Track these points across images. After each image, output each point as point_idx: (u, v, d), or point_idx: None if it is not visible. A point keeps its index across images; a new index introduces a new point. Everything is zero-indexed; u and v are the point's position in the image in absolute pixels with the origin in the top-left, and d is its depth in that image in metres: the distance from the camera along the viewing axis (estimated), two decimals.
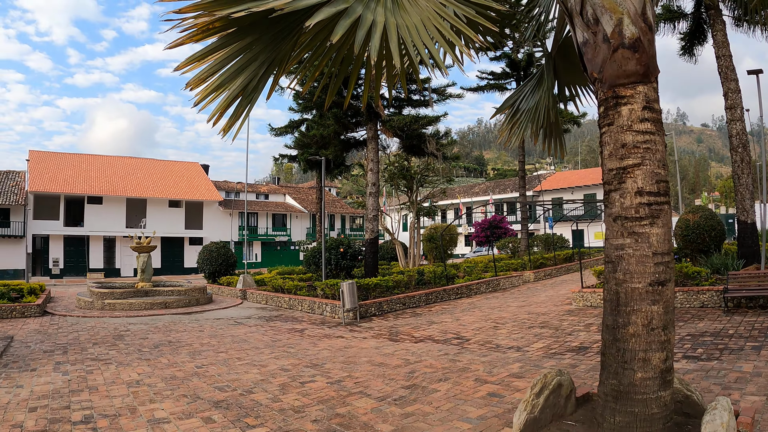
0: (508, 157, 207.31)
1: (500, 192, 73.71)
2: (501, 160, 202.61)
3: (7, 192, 49.58)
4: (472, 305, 21.85)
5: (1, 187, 50.30)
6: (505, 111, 10.26)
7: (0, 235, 47.91)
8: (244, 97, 5.48)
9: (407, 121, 25.69)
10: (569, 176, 74.19)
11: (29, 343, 15.76)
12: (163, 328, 18.24)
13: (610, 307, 6.11)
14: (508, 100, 10.33)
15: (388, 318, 19.62)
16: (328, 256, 25.48)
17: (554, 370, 7.12)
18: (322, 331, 17.07)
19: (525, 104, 9.75)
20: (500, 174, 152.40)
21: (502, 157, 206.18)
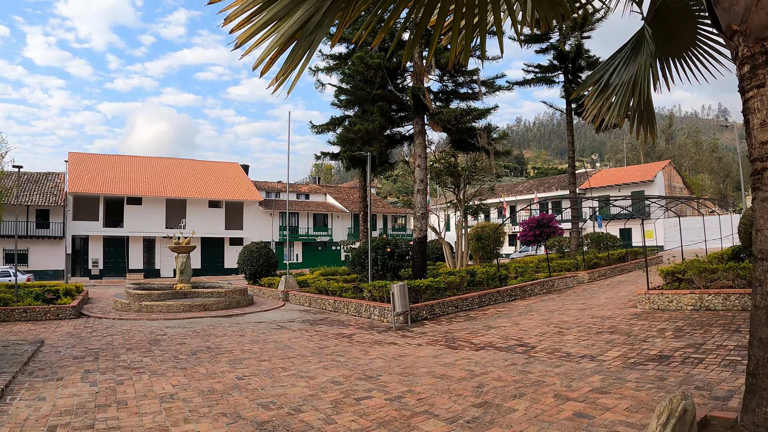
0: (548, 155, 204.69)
1: (545, 190, 71.74)
2: (541, 159, 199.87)
3: (46, 193, 49.38)
4: (528, 308, 20.37)
5: (41, 189, 50.16)
6: (588, 87, 8.77)
7: (40, 236, 47.78)
8: (303, 36, 4.06)
9: (457, 113, 24.25)
10: (616, 173, 71.89)
11: (60, 347, 14.75)
12: (201, 333, 17.10)
13: (765, 317, 4.67)
14: (594, 75, 8.79)
15: (441, 322, 18.24)
16: (374, 256, 24.16)
17: (679, 394, 5.71)
18: (371, 337, 15.76)
19: (617, 78, 8.20)
20: (541, 173, 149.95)
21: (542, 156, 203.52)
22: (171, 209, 54.55)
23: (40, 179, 52.28)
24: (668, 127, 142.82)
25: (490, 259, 38.94)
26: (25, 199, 47.13)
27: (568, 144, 37.02)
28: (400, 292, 17.35)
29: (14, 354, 13.47)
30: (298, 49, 4.05)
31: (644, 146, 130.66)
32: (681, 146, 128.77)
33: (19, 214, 47.11)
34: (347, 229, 64.31)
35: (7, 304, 21.06)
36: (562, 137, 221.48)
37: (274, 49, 4.02)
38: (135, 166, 58.12)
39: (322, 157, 38.60)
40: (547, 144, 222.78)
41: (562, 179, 74.57)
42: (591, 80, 8.66)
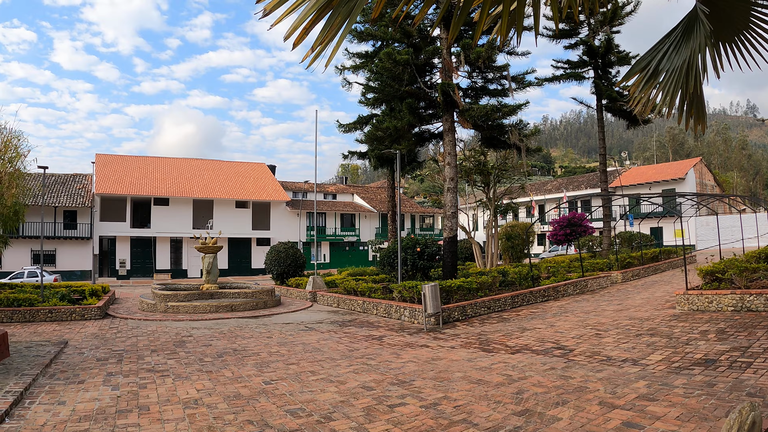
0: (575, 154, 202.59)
1: (574, 189, 70.59)
2: (568, 158, 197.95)
3: (73, 195, 49.51)
4: (562, 309, 19.69)
5: (68, 190, 50.30)
6: (635, 75, 8.08)
7: (67, 236, 47.92)
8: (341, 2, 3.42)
9: (488, 110, 23.59)
10: (646, 171, 70.43)
11: (83, 349, 14.40)
12: (228, 334, 16.68)
13: None
14: (641, 61, 8.08)
15: (473, 323, 17.64)
16: (404, 256, 23.60)
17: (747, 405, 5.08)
18: (402, 339, 15.20)
19: (668, 63, 7.50)
20: (569, 171, 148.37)
21: (569, 155, 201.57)
22: (198, 210, 54.44)
23: (68, 181, 52.46)
24: None
25: (519, 259, 38.19)
26: (53, 201, 47.28)
27: (599, 141, 36.12)
28: (432, 292, 16.78)
29: (36, 355, 13.14)
30: (337, 15, 3.45)
31: (673, 144, 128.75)
32: (710, 144, 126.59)
33: (47, 215, 47.36)
34: (375, 229, 63.76)
35: (33, 304, 20.85)
36: (589, 135, 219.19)
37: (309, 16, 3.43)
38: (162, 167, 58.14)
39: (349, 156, 38.10)
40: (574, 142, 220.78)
41: (591, 177, 73.39)
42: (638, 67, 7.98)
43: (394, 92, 25.30)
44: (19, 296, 20.96)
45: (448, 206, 24.56)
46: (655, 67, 7.73)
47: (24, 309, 20.38)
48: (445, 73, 25.14)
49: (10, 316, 20.22)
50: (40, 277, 23.67)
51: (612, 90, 33.68)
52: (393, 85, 24.84)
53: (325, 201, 63.79)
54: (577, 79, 35.19)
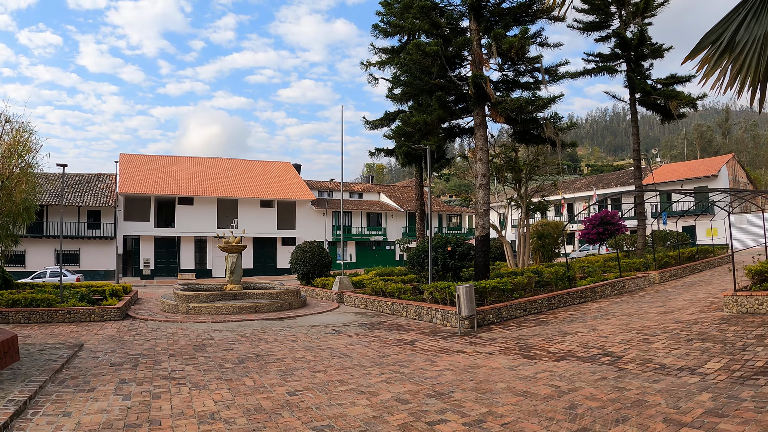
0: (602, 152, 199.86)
1: (604, 186, 68.97)
2: (594, 156, 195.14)
3: (97, 194, 49.09)
4: (602, 311, 18.63)
5: (92, 190, 49.91)
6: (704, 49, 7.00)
7: (91, 236, 47.50)
8: None
9: (521, 102, 22.48)
10: (677, 168, 68.49)
11: (98, 352, 13.63)
12: (251, 337, 15.81)
13: None
14: (711, 34, 6.98)
15: (509, 327, 16.63)
16: (434, 255, 22.58)
17: None
18: (436, 344, 14.22)
19: (746, 34, 6.40)
20: (596, 170, 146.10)
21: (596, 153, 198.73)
22: (222, 209, 53.84)
23: (91, 180, 52.09)
24: (725, 121, 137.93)
25: (550, 259, 37.04)
26: (76, 200, 46.91)
27: (633, 136, 34.82)
28: (467, 294, 15.79)
29: (48, 359, 12.40)
30: None
31: (700, 142, 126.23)
32: (738, 141, 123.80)
33: (71, 215, 47.07)
34: (401, 228, 62.63)
35: (51, 305, 20.22)
36: (615, 134, 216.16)
37: None
38: (186, 166, 57.63)
39: (376, 153, 37.23)
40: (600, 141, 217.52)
41: (621, 175, 71.79)
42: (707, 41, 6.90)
43: (423, 85, 24.29)
44: (37, 296, 20.35)
45: (479, 203, 23.52)
46: (729, 39, 6.58)
47: (42, 309, 19.79)
48: (475, 65, 24.13)
49: (28, 317, 19.63)
50: (60, 277, 23.00)
51: (645, 83, 32.45)
52: (422, 78, 23.83)
53: (351, 200, 62.89)
54: (609, 72, 33.97)
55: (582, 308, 19.68)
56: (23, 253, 45.24)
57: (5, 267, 44.00)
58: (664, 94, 31.70)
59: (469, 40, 23.88)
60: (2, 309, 19.72)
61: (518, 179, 31.50)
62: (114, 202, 48.05)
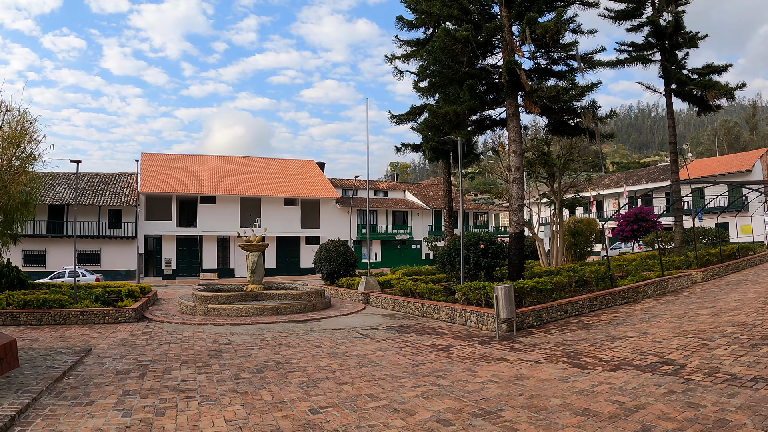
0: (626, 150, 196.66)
1: (634, 183, 66.89)
2: (619, 154, 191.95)
3: (118, 193, 48.34)
4: (648, 313, 17.27)
5: (113, 189, 49.18)
6: None
7: (112, 236, 46.78)
8: None
9: (558, 90, 21.07)
10: (710, 164, 66.31)
11: (106, 358, 12.54)
12: (271, 342, 14.61)
13: None
14: None
15: (551, 330, 15.32)
16: (466, 253, 21.26)
17: None
18: (473, 350, 12.93)
19: None
20: (622, 167, 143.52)
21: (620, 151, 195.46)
22: (245, 208, 52.90)
23: (112, 180, 51.37)
24: (752, 116, 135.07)
25: (582, 257, 35.58)
26: (97, 200, 46.23)
27: (669, 128, 33.19)
28: (506, 295, 14.48)
29: (50, 366, 11.34)
30: None
31: (728, 138, 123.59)
32: (765, 137, 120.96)
33: (92, 215, 46.40)
34: (427, 226, 61.18)
35: (63, 306, 19.31)
36: (640, 131, 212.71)
37: None
38: (208, 165, 56.78)
39: (403, 149, 35.90)
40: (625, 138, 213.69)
41: (651, 171, 69.74)
42: None
43: (453, 74, 22.95)
44: (49, 297, 19.46)
45: (513, 198, 22.17)
46: None
47: (54, 311, 18.90)
48: (507, 53, 22.79)
49: (40, 319, 18.76)
50: (75, 277, 22.04)
51: (681, 73, 30.92)
52: (452, 66, 22.50)
53: (376, 198, 61.63)
54: (643, 62, 32.41)
55: (626, 309, 18.34)
56: (44, 253, 44.69)
57: (25, 266, 43.93)
58: (701, 84, 30.15)
59: (500, 26, 22.54)
60: (14, 310, 18.89)
61: (551, 174, 30.04)
62: (135, 201, 47.28)
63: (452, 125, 23.78)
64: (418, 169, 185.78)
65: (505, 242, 23.34)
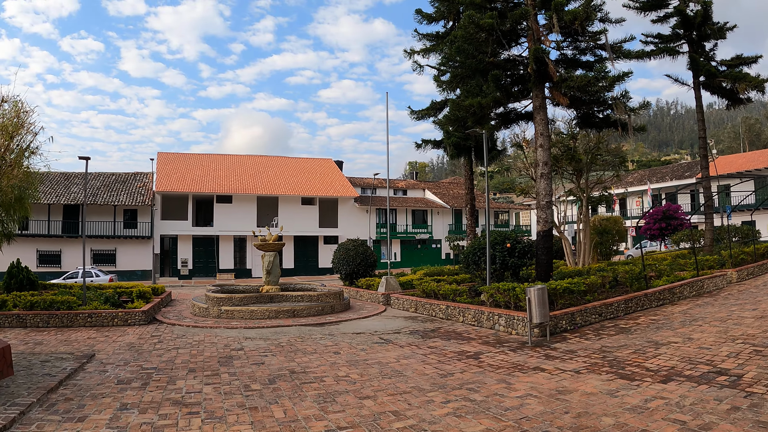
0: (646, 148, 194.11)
1: (657, 180, 65.15)
2: (638, 152, 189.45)
3: (133, 193, 47.62)
4: (687, 316, 16.11)
5: (128, 189, 48.49)
6: None
7: (127, 236, 46.13)
8: None
9: (589, 80, 19.92)
10: (735, 160, 64.43)
11: (108, 365, 11.65)
12: (286, 347, 13.62)
13: None
14: None
15: (586, 335, 14.23)
16: (492, 253, 20.15)
17: None
18: (505, 357, 11.87)
19: None
20: (642, 165, 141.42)
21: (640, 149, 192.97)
22: (262, 207, 52.00)
23: (128, 179, 50.69)
24: None
25: (608, 257, 34.33)
26: (112, 199, 45.58)
27: (698, 122, 31.79)
28: (539, 297, 13.40)
29: (47, 374, 10.49)
30: None
31: (749, 135, 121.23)
32: None
33: (107, 214, 45.77)
34: (448, 225, 59.91)
35: (71, 307, 18.48)
36: (659, 129, 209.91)
37: None
38: (225, 164, 55.99)
39: (423, 145, 34.85)
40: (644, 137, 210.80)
41: (675, 168, 68.06)
42: None
43: (477, 64, 21.84)
44: (56, 299, 18.65)
45: (541, 195, 21.04)
46: None
47: (61, 313, 18.10)
48: (533, 42, 21.67)
49: (47, 321, 17.97)
50: (84, 277, 21.24)
51: (710, 65, 29.61)
52: (476, 56, 21.40)
53: (396, 197, 60.53)
54: (670, 54, 31.12)
55: (663, 312, 17.18)
56: (59, 253, 44.13)
57: (40, 267, 43.39)
58: (731, 77, 28.81)
59: (526, 13, 21.41)
60: (20, 312, 18.14)
61: (578, 170, 28.83)
62: (151, 200, 46.57)
63: (476, 118, 22.70)
64: (436, 168, 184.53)
65: (530, 241, 22.21)
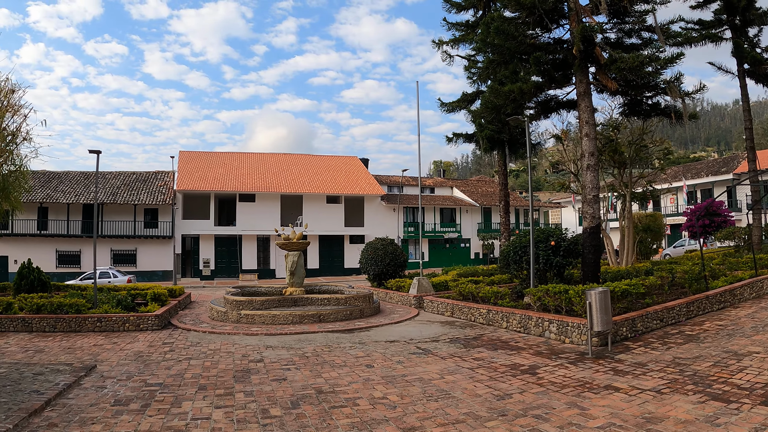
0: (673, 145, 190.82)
1: (693, 177, 62.79)
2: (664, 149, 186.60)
3: (154, 192, 46.26)
4: (756, 320, 14.44)
5: (149, 188, 47.19)
6: None
7: (148, 235, 44.82)
8: None
9: (642, 60, 18.06)
10: None
11: (109, 379, 10.18)
12: (312, 358, 12.00)
13: None
14: None
15: (650, 343, 12.51)
16: (535, 251, 18.35)
17: None
18: (566, 372, 10.15)
19: None
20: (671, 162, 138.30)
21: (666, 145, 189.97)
22: (286, 206, 50.41)
23: (149, 178, 49.38)
24: None
25: (647, 256, 32.38)
26: (133, 198, 44.34)
27: (744, 113, 29.88)
28: (601, 302, 11.67)
29: (35, 390, 9.09)
30: None
31: None
32: None
33: (127, 214, 44.59)
34: (476, 224, 57.80)
35: (80, 311, 17.05)
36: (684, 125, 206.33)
37: None
38: (247, 162, 54.52)
39: (455, 139, 33.20)
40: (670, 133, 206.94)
41: (711, 164, 65.49)
42: None
43: (516, 46, 20.06)
44: (64, 301, 17.28)
45: (588, 188, 19.23)
46: None
47: (69, 317, 16.73)
48: (576, 22, 19.90)
49: (54, 325, 16.64)
50: (94, 279, 19.87)
51: (755, 52, 27.69)
52: (516, 37, 19.61)
53: (423, 195, 58.67)
54: (713, 40, 29.22)
55: (727, 316, 15.43)
56: (78, 254, 42.98)
57: (60, 267, 42.32)
58: None
59: None
60: (26, 315, 16.85)
61: (622, 163, 26.91)
62: (172, 199, 45.24)
63: (515, 106, 20.99)
64: (460, 167, 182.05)
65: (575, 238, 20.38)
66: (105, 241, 43.39)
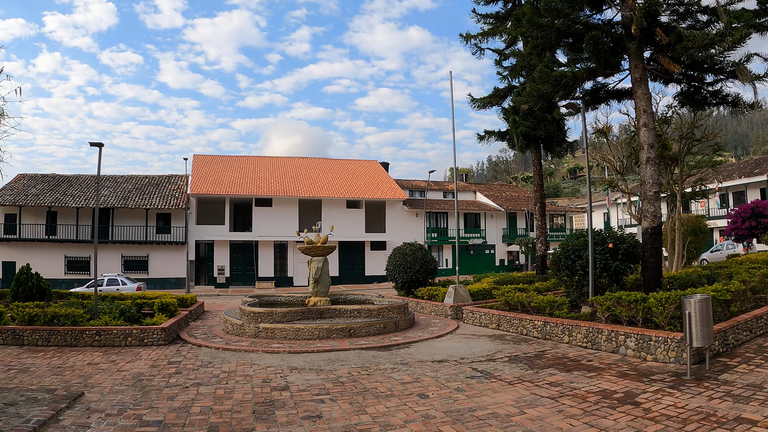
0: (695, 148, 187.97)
1: (724, 179, 60.28)
2: None
3: (167, 196, 44.18)
4: None
5: (161, 192, 45.19)
6: None
7: (160, 241, 42.84)
8: None
9: (712, 38, 15.83)
10: None
11: (95, 414, 8.10)
12: (349, 385, 9.77)
13: None
14: None
15: (749, 359, 10.46)
16: (587, 255, 16.07)
17: None
18: (674, 401, 7.91)
19: None
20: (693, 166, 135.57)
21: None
22: (304, 211, 48.29)
23: (161, 182, 47.36)
24: None
25: (690, 260, 30.08)
26: (144, 202, 42.42)
27: None
28: (703, 312, 9.48)
29: None
30: None
31: None
32: None
33: (138, 218, 42.74)
34: (501, 230, 55.27)
35: (77, 323, 15.04)
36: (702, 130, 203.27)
37: None
38: (264, 166, 52.42)
39: (486, 136, 31.09)
40: None
41: (743, 165, 62.93)
42: None
43: (568, 27, 17.77)
44: (60, 312, 15.32)
45: (648, 184, 16.93)
46: None
47: (65, 329, 14.83)
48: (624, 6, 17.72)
49: (47, 338, 14.79)
50: (95, 287, 17.87)
51: None
52: (569, 14, 17.33)
53: (445, 200, 56.26)
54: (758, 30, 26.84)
55: None
56: (88, 260, 41.07)
57: (68, 273, 40.51)
58: None
59: None
60: (17, 327, 14.98)
61: (673, 158, 24.58)
62: (185, 204, 43.23)
63: (565, 94, 18.81)
64: (477, 175, 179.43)
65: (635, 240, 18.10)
66: (115, 246, 41.53)
